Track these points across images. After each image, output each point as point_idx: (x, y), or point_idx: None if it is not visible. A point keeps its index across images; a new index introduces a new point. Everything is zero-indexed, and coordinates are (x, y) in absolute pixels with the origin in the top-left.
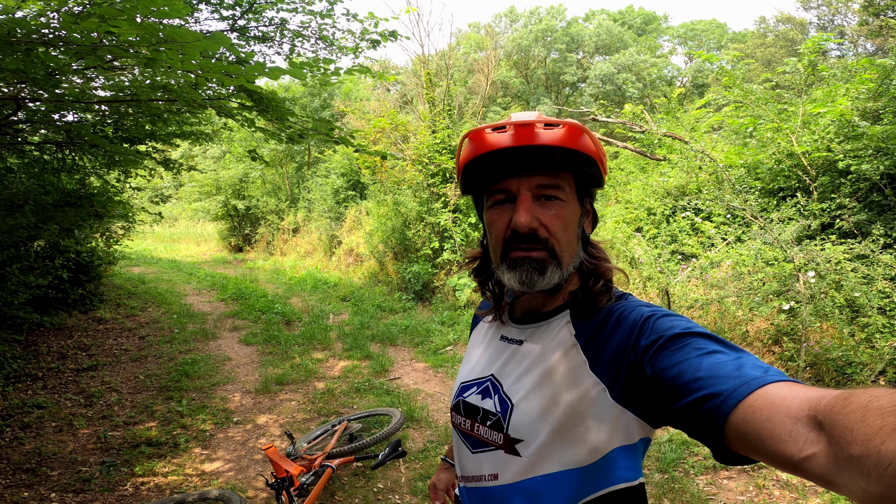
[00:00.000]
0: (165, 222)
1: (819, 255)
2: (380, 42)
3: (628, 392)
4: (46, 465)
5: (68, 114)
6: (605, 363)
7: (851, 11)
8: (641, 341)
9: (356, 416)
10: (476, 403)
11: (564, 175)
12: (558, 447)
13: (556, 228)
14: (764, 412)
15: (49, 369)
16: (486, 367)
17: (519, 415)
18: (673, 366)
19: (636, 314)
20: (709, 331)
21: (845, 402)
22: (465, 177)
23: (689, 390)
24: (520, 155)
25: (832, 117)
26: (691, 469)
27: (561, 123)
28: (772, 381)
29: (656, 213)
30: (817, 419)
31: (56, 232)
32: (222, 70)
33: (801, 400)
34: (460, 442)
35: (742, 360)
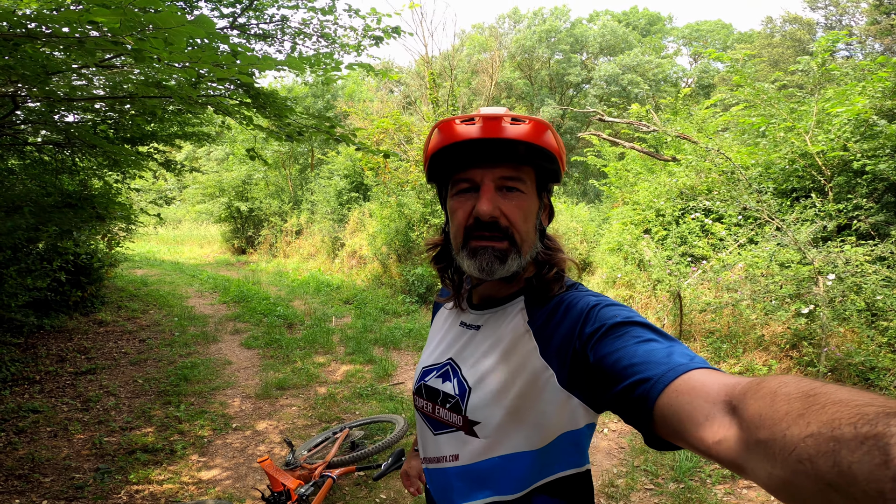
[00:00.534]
0: (169, 224)
1: (839, 257)
2: (382, 39)
3: (574, 378)
4: (39, 472)
5: (69, 114)
6: (553, 350)
7: (859, 11)
8: (586, 329)
9: (358, 422)
10: (436, 386)
11: (526, 169)
12: (512, 429)
13: (517, 218)
14: (685, 396)
15: (47, 372)
16: (444, 352)
17: (476, 398)
18: (612, 353)
19: (583, 303)
20: (648, 321)
21: (757, 387)
22: (432, 164)
23: (625, 375)
24: (486, 146)
25: (848, 116)
26: (708, 478)
27: (527, 119)
28: (695, 368)
29: (665, 215)
30: (732, 404)
31: (55, 234)
32: (213, 60)
33: (720, 385)
34: (423, 425)
35: (673, 349)
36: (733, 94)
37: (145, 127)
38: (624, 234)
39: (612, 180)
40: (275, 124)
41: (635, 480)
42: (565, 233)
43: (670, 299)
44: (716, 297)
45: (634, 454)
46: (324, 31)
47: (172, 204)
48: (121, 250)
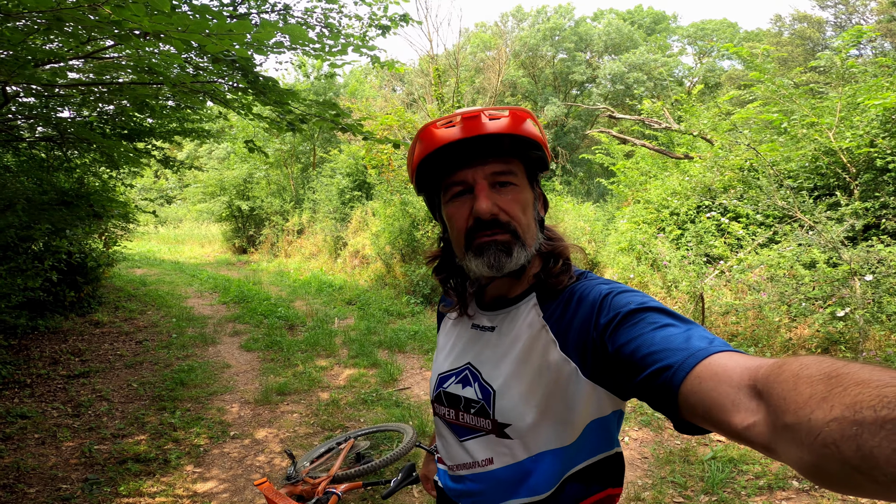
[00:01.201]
0: (170, 223)
1: (873, 257)
2: (389, 28)
3: (596, 368)
4: (24, 482)
5: (63, 109)
6: (572, 342)
7: (869, 10)
8: (601, 319)
9: (363, 431)
10: (457, 392)
11: (515, 161)
12: (544, 427)
13: (516, 211)
14: (709, 382)
15: (39, 376)
16: (460, 356)
17: (503, 400)
18: (630, 341)
19: (595, 293)
20: (662, 304)
21: (780, 370)
22: (419, 174)
23: (646, 364)
24: (471, 145)
25: (884, 107)
26: (742, 490)
27: (507, 111)
28: (716, 352)
29: (680, 214)
30: (756, 388)
31: (48, 232)
32: (203, 29)
33: (742, 369)
34: (446, 431)
35: (690, 332)
36: (751, 91)
37: (142, 122)
38: (637, 233)
39: (621, 178)
40: (276, 112)
41: (663, 493)
42: (572, 232)
43: (690, 301)
44: (737, 299)
45: (659, 464)
46: (328, 20)
47: (173, 203)
48: (119, 249)
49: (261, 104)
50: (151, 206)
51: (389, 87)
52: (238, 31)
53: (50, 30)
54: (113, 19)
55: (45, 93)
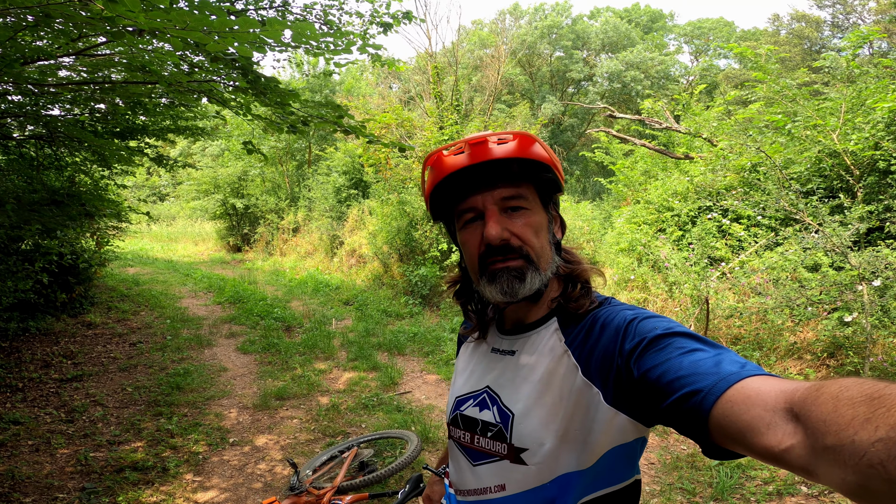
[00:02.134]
0: (162, 221)
1: (881, 261)
2: (391, 25)
3: (619, 394)
4: (20, 490)
5: (53, 107)
6: (595, 368)
7: (867, 10)
8: (626, 345)
9: (366, 438)
10: (474, 416)
11: (525, 185)
12: (562, 452)
13: (528, 236)
14: (741, 406)
15: (30, 379)
16: (479, 380)
17: (521, 425)
18: (657, 366)
19: (620, 318)
20: (690, 330)
21: (817, 392)
22: (433, 203)
23: (673, 389)
24: (479, 172)
25: (882, 115)
26: (752, 496)
27: (512, 135)
28: (748, 376)
29: (681, 215)
30: (793, 411)
31: (38, 232)
32: (204, 26)
33: (777, 392)
34: (459, 455)
35: (721, 357)
36: (753, 91)
37: (135, 120)
38: (637, 233)
39: (620, 178)
40: (276, 113)
41: (672, 500)
42: (570, 231)
43: (692, 303)
44: (740, 302)
45: (667, 470)
46: (327, 17)
47: (166, 200)
48: (111, 248)
49: (260, 104)
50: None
51: (386, 84)
52: (242, 29)
53: (38, 27)
54: (105, 15)
55: (34, 91)
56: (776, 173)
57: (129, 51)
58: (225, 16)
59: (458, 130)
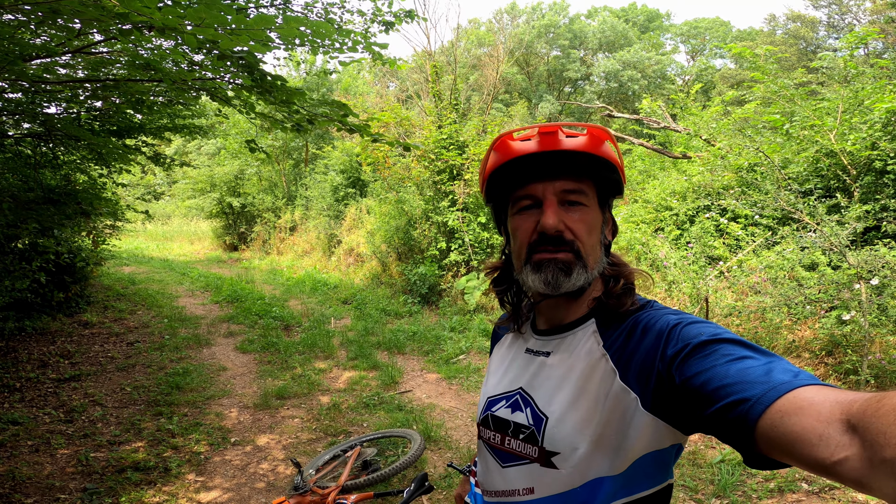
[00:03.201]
0: (158, 220)
1: (878, 260)
2: (393, 24)
3: (658, 401)
4: (21, 491)
5: (50, 105)
6: (634, 373)
7: (862, 10)
8: (668, 350)
9: (369, 437)
10: (506, 417)
11: (587, 181)
12: (595, 457)
13: (582, 232)
14: (793, 416)
15: (28, 379)
16: (513, 381)
17: (555, 428)
18: (701, 373)
19: (662, 322)
20: (738, 336)
21: (878, 404)
22: (490, 184)
23: (718, 397)
24: (545, 160)
25: (880, 115)
26: (753, 493)
27: (585, 129)
28: (801, 385)
29: (679, 214)
30: (850, 422)
31: (35, 231)
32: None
33: (832, 403)
34: (488, 456)
35: (772, 365)
36: (750, 91)
37: (132, 118)
38: (635, 233)
39: None
40: (281, 112)
41: (674, 497)
42: None
43: (691, 302)
44: (738, 301)
45: None
46: (328, 16)
47: (162, 199)
48: (107, 247)
49: (265, 103)
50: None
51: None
52: (257, 27)
53: (41, 24)
54: (118, 11)
55: (31, 88)
56: (774, 173)
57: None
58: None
59: (457, 129)
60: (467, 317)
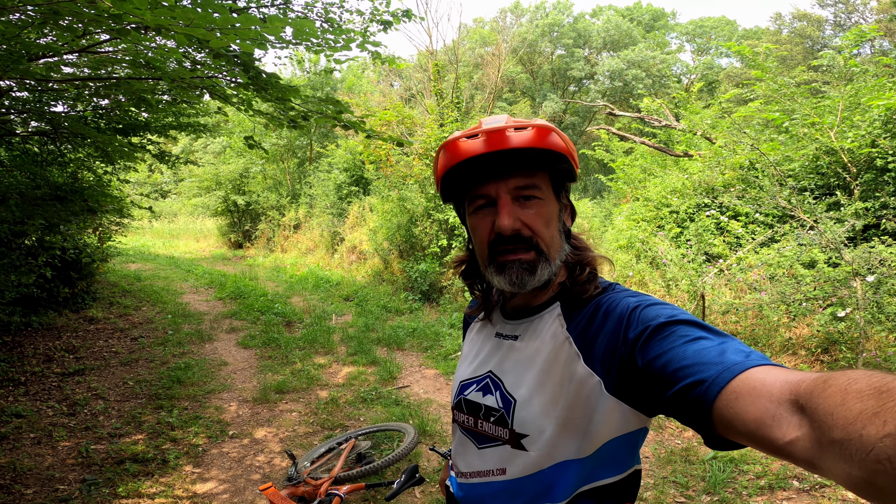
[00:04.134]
0: (164, 218)
1: (874, 258)
2: (391, 23)
3: (622, 384)
4: (21, 482)
5: (56, 104)
6: (597, 356)
7: (868, 9)
8: (630, 333)
9: (364, 431)
10: (477, 400)
11: (539, 174)
12: (562, 440)
13: (539, 226)
14: (747, 397)
15: (33, 373)
16: (482, 364)
17: (523, 411)
18: (661, 355)
19: (623, 305)
20: (693, 317)
21: (825, 384)
22: (444, 185)
23: (677, 378)
24: (494, 160)
25: (887, 107)
26: (744, 490)
27: (530, 125)
28: (753, 366)
29: (679, 212)
30: (799, 402)
31: (41, 227)
32: (208, 23)
33: (782, 383)
34: (465, 439)
35: (725, 346)
36: (751, 89)
37: (138, 116)
38: (636, 230)
39: (620, 175)
40: (277, 109)
41: (665, 493)
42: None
43: (690, 299)
44: (736, 298)
45: (661, 464)
46: (328, 15)
47: (168, 197)
48: (113, 244)
49: (261, 100)
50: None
51: (387, 82)
52: (244, 26)
53: (45, 24)
54: (112, 13)
55: (38, 87)
56: (771, 170)
57: (134, 48)
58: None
59: (459, 128)
60: None
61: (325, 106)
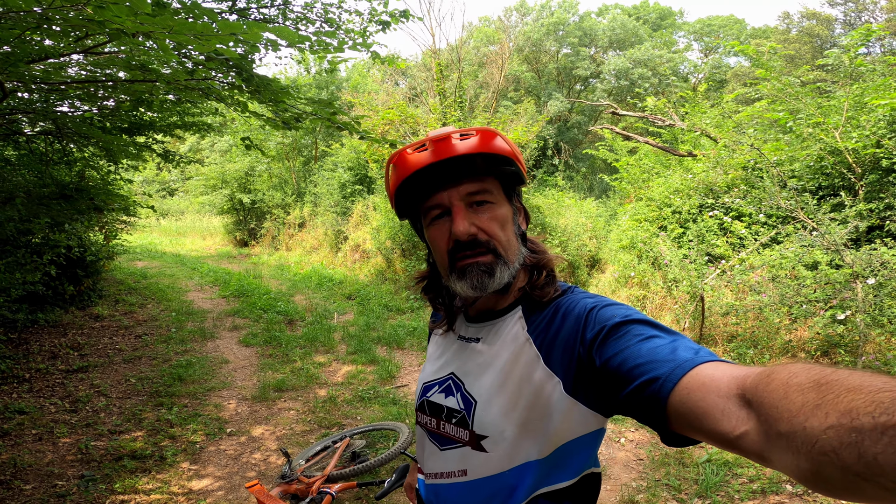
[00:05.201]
0: (172, 216)
1: (876, 260)
2: (389, 24)
3: (580, 384)
4: (21, 478)
5: (62, 104)
6: (556, 357)
7: (879, 8)
8: (587, 334)
9: (359, 430)
10: (440, 402)
11: (489, 179)
12: (521, 441)
13: (495, 230)
14: (697, 393)
15: (37, 370)
16: (445, 366)
17: (482, 412)
18: (616, 354)
19: (580, 307)
20: (647, 316)
21: (768, 379)
22: (398, 201)
23: (632, 377)
24: (443, 168)
25: (883, 112)
26: (736, 494)
27: (475, 131)
28: (702, 362)
29: (682, 212)
30: (745, 397)
31: (46, 226)
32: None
33: (729, 378)
34: (428, 441)
35: (676, 343)
36: (756, 89)
37: (142, 116)
38: (638, 230)
39: (624, 175)
40: (271, 110)
41: (657, 496)
42: (574, 228)
43: (690, 300)
44: (737, 300)
45: (654, 466)
46: (327, 15)
47: (175, 195)
48: (119, 242)
49: (257, 102)
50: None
51: (392, 81)
52: (224, 33)
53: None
54: (96, 19)
55: (44, 87)
56: (772, 171)
57: (129, 50)
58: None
59: (462, 127)
60: None
61: (317, 107)
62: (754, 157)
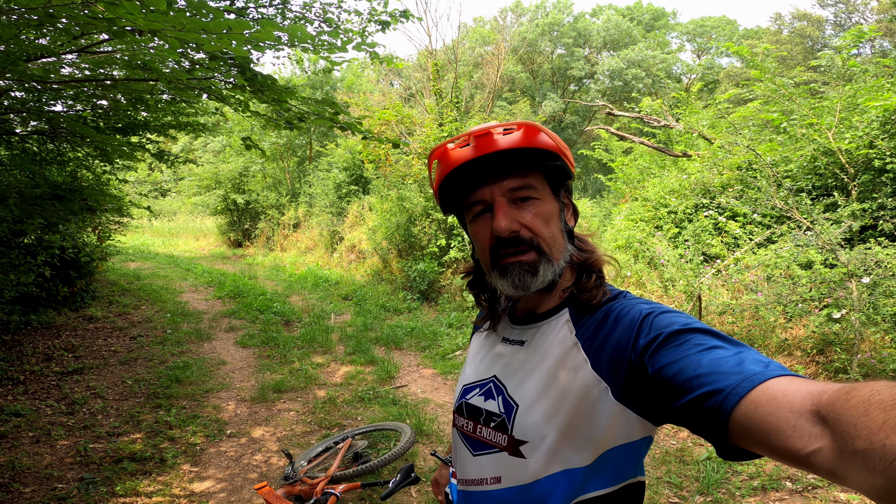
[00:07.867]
0: (164, 216)
1: (870, 259)
2: (389, 24)
3: (629, 391)
4: (20, 481)
5: (56, 104)
6: (605, 362)
7: (869, 9)
8: (641, 340)
9: (361, 430)
10: (479, 405)
11: (534, 174)
12: (563, 448)
13: (539, 226)
14: (766, 408)
15: (32, 372)
16: (487, 369)
17: (524, 416)
18: (673, 363)
19: (635, 312)
20: (709, 326)
21: (847, 395)
22: (442, 197)
23: (691, 387)
24: (486, 163)
25: (884, 108)
26: (737, 491)
27: (517, 125)
28: (773, 376)
29: (677, 212)
30: (820, 413)
31: (40, 227)
32: (200, 28)
33: (804, 394)
34: (461, 444)
35: (742, 356)
36: (750, 90)
37: (136, 116)
38: (634, 231)
39: (619, 175)
40: (273, 110)
41: (659, 493)
42: None
43: (687, 300)
44: (733, 299)
45: (656, 464)
46: (326, 15)
47: (168, 196)
48: (112, 243)
49: (259, 101)
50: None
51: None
52: (236, 30)
53: (42, 25)
54: (107, 16)
55: (37, 87)
56: (767, 171)
57: (131, 49)
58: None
59: (458, 127)
60: (465, 313)
61: (321, 107)
62: (750, 157)
